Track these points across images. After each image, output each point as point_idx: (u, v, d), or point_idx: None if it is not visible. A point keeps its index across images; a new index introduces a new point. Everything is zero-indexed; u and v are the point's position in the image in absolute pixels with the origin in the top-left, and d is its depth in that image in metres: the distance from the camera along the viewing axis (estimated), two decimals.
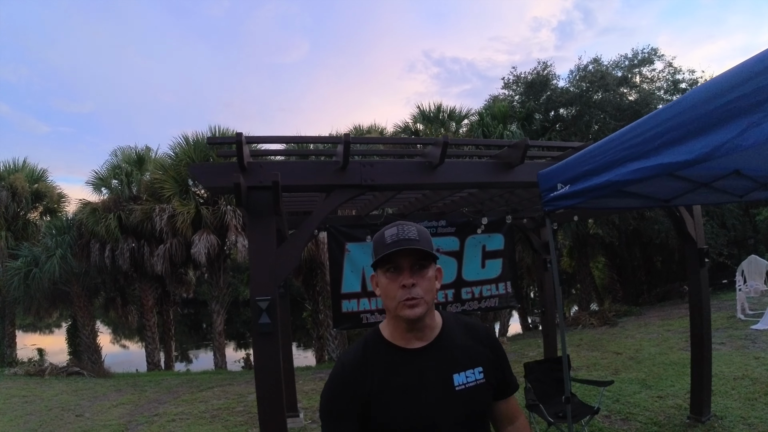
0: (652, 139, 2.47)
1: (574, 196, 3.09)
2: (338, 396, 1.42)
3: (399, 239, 1.38)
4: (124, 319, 18.15)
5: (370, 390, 1.38)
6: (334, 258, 6.41)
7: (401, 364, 1.42)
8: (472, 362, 1.47)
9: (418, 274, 1.39)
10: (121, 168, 15.52)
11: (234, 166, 3.25)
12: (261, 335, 3.20)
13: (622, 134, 2.72)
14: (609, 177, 2.77)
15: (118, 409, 8.25)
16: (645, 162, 2.53)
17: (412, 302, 1.37)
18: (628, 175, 2.65)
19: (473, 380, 1.44)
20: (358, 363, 1.44)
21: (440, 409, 1.39)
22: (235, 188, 2.97)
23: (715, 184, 4.05)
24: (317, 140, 3.51)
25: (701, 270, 5.46)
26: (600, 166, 2.83)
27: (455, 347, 1.47)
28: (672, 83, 16.56)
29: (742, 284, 10.98)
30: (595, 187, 2.90)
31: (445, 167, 3.61)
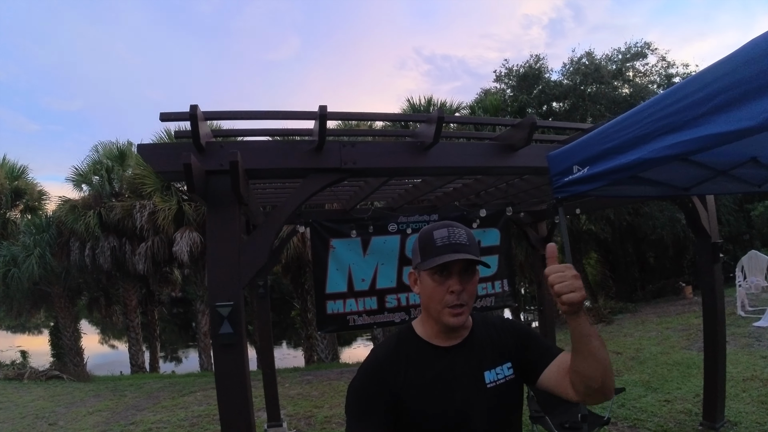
0: (696, 104, 1.96)
1: (593, 179, 2.60)
2: (369, 387, 1.40)
3: (451, 243, 1.36)
4: (108, 320, 17.74)
5: (402, 382, 1.38)
6: (318, 255, 5.98)
7: (434, 359, 1.42)
8: (501, 358, 1.47)
9: (466, 280, 1.37)
10: (102, 164, 14.98)
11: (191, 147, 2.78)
12: (223, 347, 2.70)
13: (655, 102, 2.21)
14: (639, 155, 2.28)
15: (94, 416, 7.82)
16: (687, 134, 2.02)
17: (459, 310, 1.37)
18: (664, 150, 2.14)
19: (503, 377, 1.44)
20: (392, 355, 1.44)
21: (472, 404, 1.38)
22: (185, 171, 2.44)
23: (733, 172, 3.69)
24: (289, 116, 2.98)
25: (715, 265, 5.14)
26: (627, 141, 2.34)
27: (485, 345, 1.48)
28: (665, 77, 16.34)
29: (742, 280, 10.77)
30: (620, 168, 2.41)
31: (438, 149, 3.13)
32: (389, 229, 6.08)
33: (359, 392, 1.41)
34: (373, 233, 6.02)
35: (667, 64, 16.31)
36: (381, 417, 1.36)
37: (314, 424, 6.51)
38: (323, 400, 7.75)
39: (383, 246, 6.13)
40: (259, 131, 3.17)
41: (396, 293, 6.22)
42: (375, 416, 1.36)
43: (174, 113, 2.72)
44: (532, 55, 18.71)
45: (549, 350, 1.49)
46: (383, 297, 6.17)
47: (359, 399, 1.40)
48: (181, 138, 3.00)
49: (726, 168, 3.59)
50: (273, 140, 3.10)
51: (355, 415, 1.39)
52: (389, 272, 6.21)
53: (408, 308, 6.28)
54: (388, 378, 1.39)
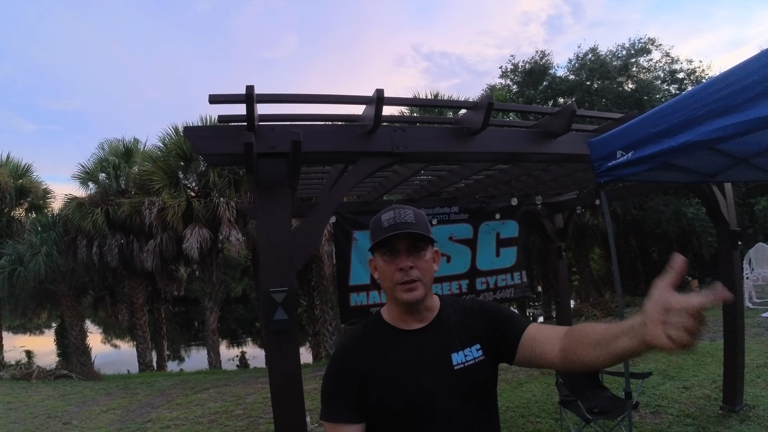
0: (744, 89, 2.09)
1: (637, 162, 2.70)
2: (337, 372, 1.44)
3: (396, 223, 1.39)
4: (113, 319, 17.66)
5: (369, 366, 1.40)
6: (341, 248, 6.00)
7: (400, 342, 1.43)
8: (470, 340, 1.46)
9: (415, 256, 1.40)
10: (109, 161, 14.87)
11: (240, 129, 2.78)
12: (276, 333, 2.72)
13: (702, 89, 2.36)
14: (687, 137, 2.39)
15: (108, 415, 7.77)
16: (735, 117, 2.15)
17: (409, 285, 1.38)
18: (712, 133, 2.27)
19: (472, 358, 1.43)
20: (359, 340, 1.47)
21: (438, 386, 1.38)
22: (246, 151, 2.46)
23: (753, 160, 3.81)
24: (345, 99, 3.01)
25: (734, 253, 5.21)
26: (675, 126, 2.45)
27: (453, 327, 1.47)
28: (669, 73, 16.40)
29: (749, 272, 10.87)
30: (666, 151, 2.52)
31: (484, 135, 3.16)
32: None
33: (328, 376, 1.45)
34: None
35: (671, 59, 16.38)
36: (349, 400, 1.39)
37: None
38: None
39: None
40: (302, 116, 3.20)
41: None
42: (343, 400, 1.40)
43: (224, 95, 2.74)
44: (538, 50, 18.84)
45: (521, 326, 1.48)
46: None
47: (329, 389, 1.44)
48: (225, 122, 3.01)
49: (747, 156, 3.71)
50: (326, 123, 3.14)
51: (325, 399, 1.43)
52: None
53: None
54: (355, 362, 1.42)
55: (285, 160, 2.79)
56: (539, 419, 5.51)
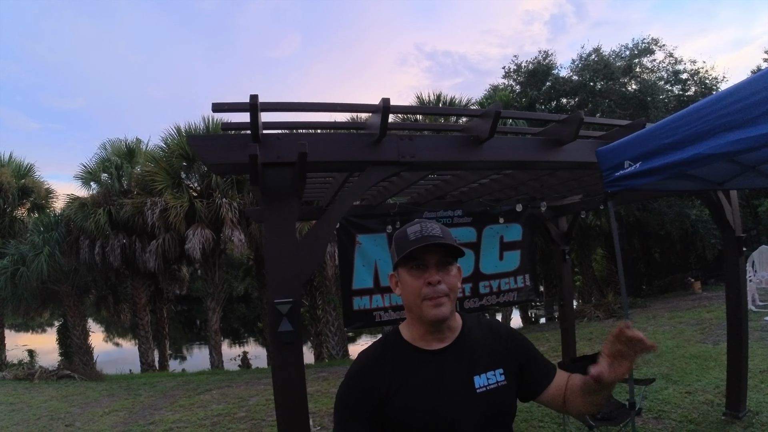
0: (759, 103, 2.07)
1: (646, 174, 2.68)
2: (355, 392, 1.39)
3: (424, 235, 1.36)
4: (116, 318, 17.74)
5: (387, 388, 1.35)
6: (344, 251, 5.97)
7: (420, 364, 1.39)
8: (493, 364, 1.43)
9: (443, 271, 1.37)
10: (111, 161, 14.89)
11: (245, 139, 2.77)
12: (282, 345, 2.70)
13: (714, 101, 2.34)
14: (698, 150, 2.37)
15: (111, 416, 7.76)
16: (750, 131, 2.14)
17: (438, 301, 1.34)
18: (725, 147, 2.25)
19: (494, 382, 1.40)
20: (377, 360, 1.42)
21: (460, 410, 1.34)
22: (251, 162, 2.43)
23: (761, 167, 3.81)
24: (350, 108, 2.99)
25: (740, 259, 5.20)
26: (685, 138, 2.43)
27: (476, 348, 1.44)
28: (673, 73, 16.37)
29: (752, 275, 10.80)
30: (676, 163, 2.50)
31: (492, 143, 3.14)
32: None
33: (343, 399, 1.40)
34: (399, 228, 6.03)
35: (675, 60, 16.35)
36: (365, 424, 1.35)
37: None
38: None
39: None
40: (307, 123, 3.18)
41: None
42: (359, 423, 1.36)
43: (227, 104, 2.72)
44: (541, 51, 18.80)
45: (548, 372, 1.51)
46: None
47: (344, 406, 1.40)
48: (228, 130, 3.00)
49: (754, 164, 3.71)
50: (332, 132, 3.11)
51: (339, 417, 1.40)
52: None
53: None
54: (373, 384, 1.37)
55: (291, 170, 2.77)
56: (542, 424, 5.49)
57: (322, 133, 3.09)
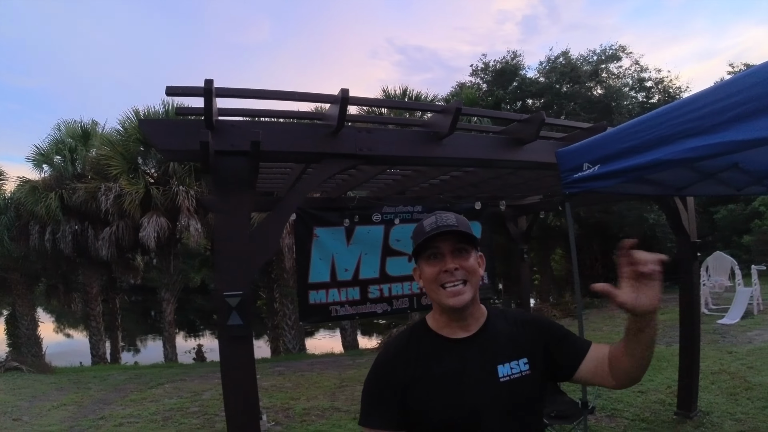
0: (718, 112, 2.10)
1: (604, 177, 2.68)
2: (380, 380, 1.41)
3: (439, 225, 1.37)
4: (67, 308, 17.15)
5: (412, 376, 1.37)
6: (301, 244, 5.87)
7: (444, 352, 1.40)
8: (517, 353, 1.42)
9: (459, 258, 1.37)
10: (65, 143, 14.28)
11: (199, 124, 2.64)
12: (231, 339, 2.60)
13: (675, 107, 2.36)
14: (657, 156, 2.38)
15: (60, 411, 7.47)
16: (708, 138, 2.16)
17: (455, 288, 1.35)
18: (683, 153, 2.27)
19: (518, 371, 1.39)
20: (402, 348, 1.44)
21: (483, 399, 1.35)
22: (201, 149, 2.33)
23: (719, 175, 3.89)
24: (308, 97, 2.88)
25: (694, 264, 5.36)
26: (645, 143, 2.44)
27: (500, 337, 1.44)
28: (638, 81, 16.75)
29: (706, 279, 11.17)
30: (635, 167, 2.51)
31: (452, 140, 3.10)
32: (373, 219, 6.03)
33: (370, 387, 1.44)
34: (358, 223, 5.96)
35: (640, 68, 16.76)
36: (390, 412, 1.37)
37: (293, 416, 6.43)
38: (299, 392, 7.66)
39: (367, 236, 6.07)
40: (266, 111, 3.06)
41: (379, 284, 6.19)
42: (383, 408, 1.38)
43: (182, 87, 2.59)
44: (509, 51, 18.95)
45: (581, 347, 1.47)
46: (366, 287, 6.12)
47: (370, 394, 1.43)
48: (184, 115, 2.86)
49: (713, 171, 3.78)
50: (289, 122, 3.01)
51: (365, 405, 1.42)
52: (372, 262, 6.16)
53: (390, 299, 6.26)
54: (398, 373, 1.39)
55: (244, 159, 2.66)
56: None
57: (277, 123, 2.98)
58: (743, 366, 6.83)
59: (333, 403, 6.86)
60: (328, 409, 6.59)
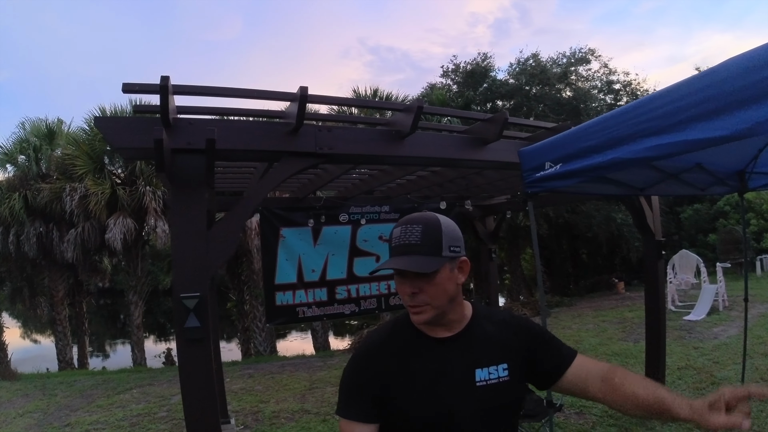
0: (676, 112, 2.12)
1: (565, 176, 2.69)
2: (359, 372, 1.38)
3: (401, 244, 1.31)
4: (32, 312, 16.63)
5: (392, 371, 1.34)
6: (267, 244, 5.80)
7: (425, 351, 1.37)
8: (498, 358, 1.39)
9: (422, 281, 1.30)
10: (29, 142, 13.88)
11: (156, 122, 2.58)
12: (188, 342, 2.53)
13: (635, 107, 2.37)
14: (617, 154, 2.40)
15: (25, 418, 7.26)
16: (666, 138, 2.18)
17: (416, 309, 1.32)
18: (643, 152, 2.29)
19: (495, 377, 1.36)
20: (384, 344, 1.41)
21: (459, 401, 1.32)
22: (156, 147, 2.26)
23: (682, 176, 3.97)
24: (266, 95, 2.83)
25: (659, 262, 5.42)
26: (604, 142, 2.46)
27: (483, 340, 1.40)
28: (606, 83, 17.00)
29: (672, 277, 11.41)
30: (595, 166, 2.52)
31: (414, 138, 3.08)
32: (340, 220, 6.00)
33: (349, 375, 1.40)
34: (324, 223, 5.92)
35: (609, 71, 17.00)
36: (367, 401, 1.34)
37: (262, 419, 6.34)
38: (269, 395, 7.57)
39: (334, 236, 6.03)
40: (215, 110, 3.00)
41: (346, 284, 6.16)
42: (361, 400, 1.35)
43: (139, 84, 2.53)
44: (480, 52, 19.09)
45: (567, 355, 1.45)
46: (333, 288, 6.09)
47: (348, 385, 1.39)
48: (141, 113, 2.79)
49: (676, 172, 3.84)
50: (248, 120, 2.95)
51: (343, 396, 1.39)
52: (340, 263, 6.13)
53: (358, 299, 6.24)
54: (379, 366, 1.36)
55: (201, 157, 2.60)
56: None
57: (235, 120, 2.92)
58: (709, 361, 6.93)
59: (303, 405, 6.79)
60: (298, 411, 6.53)
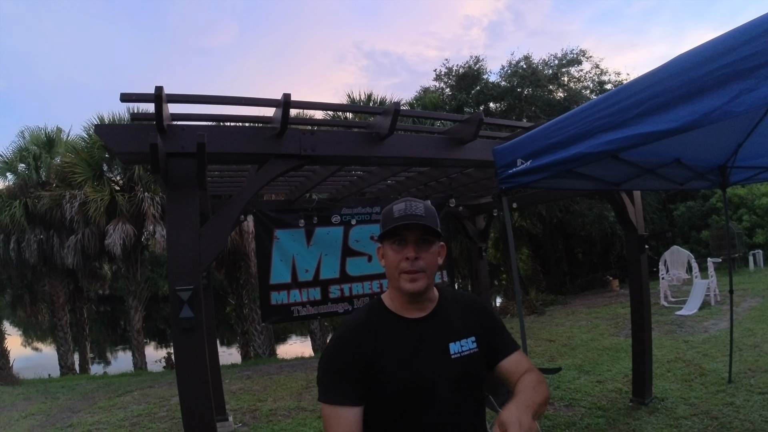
0: (630, 107, 2.28)
1: (535, 171, 2.85)
2: (341, 356, 1.46)
3: (406, 214, 1.45)
4: (33, 319, 16.74)
5: (374, 351, 1.43)
6: (262, 246, 5.97)
7: (404, 330, 1.49)
8: (466, 332, 1.54)
9: (422, 249, 1.46)
10: (29, 150, 14.10)
11: (151, 129, 2.76)
12: (183, 331, 2.70)
13: (594, 104, 2.53)
14: (579, 149, 2.56)
15: (28, 420, 7.38)
16: (622, 132, 2.33)
17: (414, 275, 1.44)
18: (601, 146, 2.45)
19: (467, 349, 1.52)
20: (363, 326, 1.49)
21: (437, 372, 1.45)
22: (151, 151, 2.44)
23: (659, 171, 4.07)
24: (254, 102, 3.01)
25: (641, 256, 5.53)
26: (568, 138, 2.61)
27: (452, 318, 1.55)
28: (598, 83, 17.13)
29: (665, 273, 11.51)
30: (561, 161, 2.68)
31: (393, 140, 3.26)
32: (332, 221, 6.16)
33: (330, 363, 1.46)
34: (317, 224, 6.08)
35: (600, 71, 17.14)
36: (350, 385, 1.41)
37: (259, 417, 6.48)
38: (266, 394, 7.70)
39: (327, 237, 6.19)
40: (212, 117, 3.19)
41: (339, 284, 6.30)
42: (344, 384, 1.41)
43: (135, 94, 2.71)
44: (472, 56, 19.24)
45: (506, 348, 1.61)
46: (327, 287, 6.24)
47: (329, 370, 1.45)
48: (138, 120, 2.98)
49: (653, 167, 3.95)
50: (235, 125, 3.14)
51: (324, 383, 1.45)
52: (333, 263, 6.27)
53: (351, 299, 6.38)
54: (358, 349, 1.44)
55: (194, 160, 2.78)
56: None
57: (224, 126, 3.11)
58: (698, 354, 7.02)
59: (299, 403, 6.92)
60: (294, 409, 6.66)
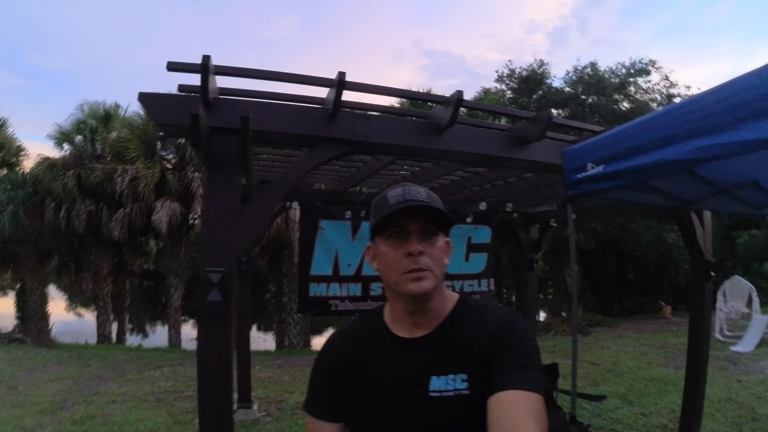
0: (726, 111, 1.96)
1: (607, 178, 2.55)
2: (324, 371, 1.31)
3: (407, 199, 1.16)
4: (77, 286, 17.28)
5: (352, 372, 1.24)
6: (306, 235, 5.82)
7: (390, 352, 1.24)
8: (459, 367, 1.17)
9: (427, 242, 1.17)
10: (87, 123, 14.54)
11: (197, 101, 2.58)
12: (209, 316, 2.54)
13: (682, 106, 2.23)
14: (663, 155, 2.25)
15: (56, 384, 7.59)
16: (716, 138, 2.02)
17: (418, 274, 1.15)
18: (690, 153, 2.13)
19: (452, 389, 1.16)
20: (353, 339, 1.31)
21: (409, 413, 1.17)
22: (192, 123, 2.27)
23: (735, 192, 3.69)
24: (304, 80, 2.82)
25: (706, 284, 5.11)
26: (651, 141, 2.31)
27: (451, 343, 1.21)
28: (666, 96, 16.48)
29: (723, 305, 10.87)
30: (639, 168, 2.37)
31: (452, 132, 3.01)
32: None
33: (316, 368, 1.34)
34: (364, 218, 5.89)
35: (670, 83, 16.51)
36: (329, 398, 1.27)
37: (285, 409, 6.38)
38: (295, 386, 7.60)
39: None
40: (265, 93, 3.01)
41: (381, 281, 6.10)
42: (324, 396, 1.29)
43: (182, 63, 2.55)
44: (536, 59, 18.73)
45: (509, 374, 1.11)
46: (368, 284, 6.04)
47: (313, 380, 1.34)
48: (186, 91, 2.83)
49: (729, 187, 3.59)
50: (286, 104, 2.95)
51: (309, 395, 1.33)
52: None
53: None
54: (341, 366, 1.27)
55: (238, 137, 2.61)
56: None
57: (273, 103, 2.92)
58: (751, 395, 6.60)
59: None
60: None
